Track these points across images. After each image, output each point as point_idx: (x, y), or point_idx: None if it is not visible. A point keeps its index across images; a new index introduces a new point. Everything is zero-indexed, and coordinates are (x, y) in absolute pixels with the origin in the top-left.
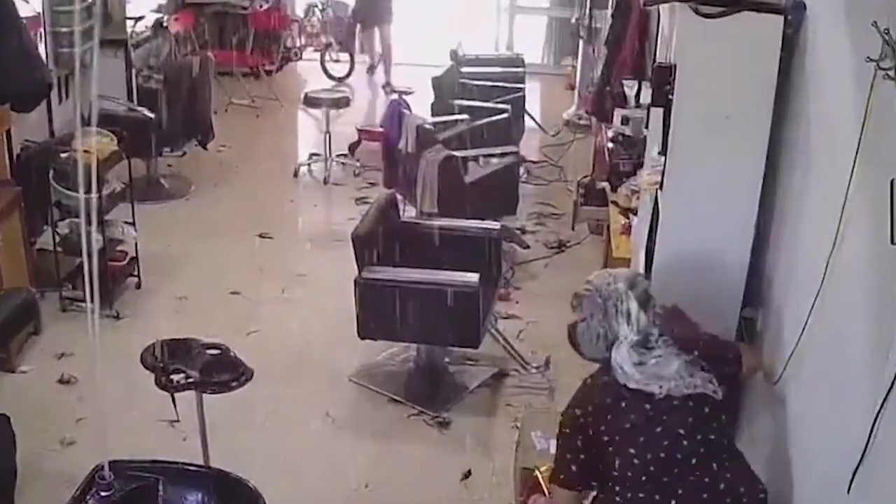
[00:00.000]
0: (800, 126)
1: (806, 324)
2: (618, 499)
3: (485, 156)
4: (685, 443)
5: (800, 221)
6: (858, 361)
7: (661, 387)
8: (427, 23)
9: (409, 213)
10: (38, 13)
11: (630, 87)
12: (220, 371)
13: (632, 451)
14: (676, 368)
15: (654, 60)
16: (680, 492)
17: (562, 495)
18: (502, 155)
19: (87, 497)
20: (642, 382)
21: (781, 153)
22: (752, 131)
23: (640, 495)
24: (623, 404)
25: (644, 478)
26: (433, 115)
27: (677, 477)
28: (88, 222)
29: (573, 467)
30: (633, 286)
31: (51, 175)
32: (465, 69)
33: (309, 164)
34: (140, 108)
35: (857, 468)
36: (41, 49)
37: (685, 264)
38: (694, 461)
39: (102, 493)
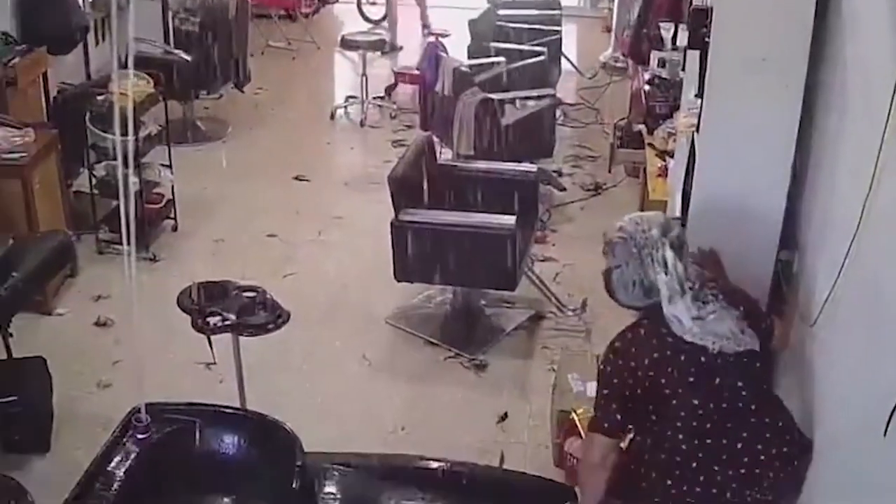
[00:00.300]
0: (836, 69)
1: (842, 267)
2: (683, 446)
3: (521, 98)
4: (744, 393)
5: (836, 164)
6: (894, 305)
7: (714, 343)
8: None
9: (445, 155)
10: None
11: (667, 30)
12: (257, 313)
13: (695, 402)
14: (729, 326)
15: (691, 3)
16: (744, 434)
17: (603, 442)
18: (539, 97)
19: (124, 439)
20: (699, 336)
21: (817, 96)
22: (788, 74)
23: (708, 441)
24: (682, 357)
25: (709, 425)
26: (470, 57)
27: (741, 422)
28: (125, 165)
29: (618, 416)
30: (667, 233)
31: (87, 118)
32: (501, 12)
33: (345, 107)
34: (176, 51)
35: (893, 411)
36: None
37: (722, 207)
38: (753, 407)
39: (139, 436)
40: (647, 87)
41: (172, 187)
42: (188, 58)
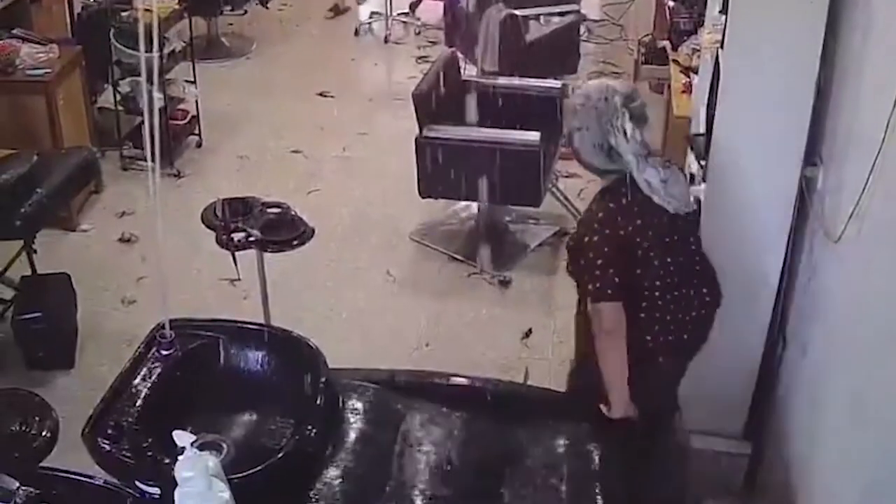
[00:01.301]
0: None
1: (867, 183)
2: (672, 306)
3: (546, 14)
4: (693, 247)
5: (860, 81)
6: None
7: (670, 203)
8: None
9: (469, 71)
10: None
11: None
12: (281, 230)
13: (668, 259)
14: (681, 189)
15: None
16: (696, 281)
17: (611, 307)
18: (563, 13)
19: (148, 355)
20: (664, 199)
21: (842, 13)
22: None
23: (683, 291)
24: (655, 220)
25: (678, 279)
26: None
27: (694, 272)
28: (149, 81)
29: (616, 279)
30: (629, 103)
31: (112, 34)
32: None
33: (370, 23)
34: None
35: None
36: None
37: (745, 123)
38: (698, 258)
39: (163, 352)
40: (671, 3)
41: (197, 103)
42: None
